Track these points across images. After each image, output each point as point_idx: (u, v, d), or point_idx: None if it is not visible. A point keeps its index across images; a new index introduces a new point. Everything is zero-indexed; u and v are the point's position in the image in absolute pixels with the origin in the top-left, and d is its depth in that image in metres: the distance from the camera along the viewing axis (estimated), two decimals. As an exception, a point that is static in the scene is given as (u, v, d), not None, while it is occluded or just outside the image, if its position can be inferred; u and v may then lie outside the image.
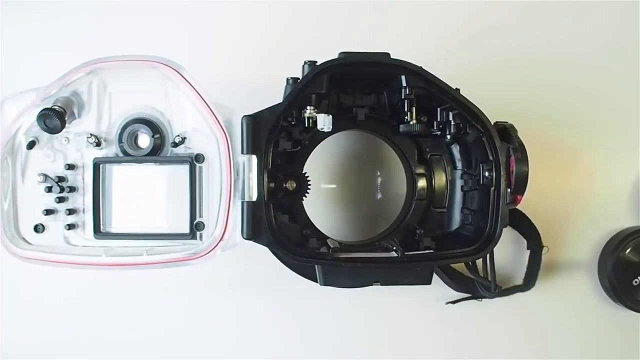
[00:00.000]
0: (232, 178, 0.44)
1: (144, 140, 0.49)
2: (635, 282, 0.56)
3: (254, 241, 0.43)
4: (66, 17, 0.59)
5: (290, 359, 0.57)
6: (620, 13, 0.60)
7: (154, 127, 0.48)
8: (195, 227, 0.46)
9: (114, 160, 0.48)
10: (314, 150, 0.50)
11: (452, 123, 0.45)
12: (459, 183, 0.50)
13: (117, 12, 0.59)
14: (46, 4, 0.59)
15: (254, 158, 0.42)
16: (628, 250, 0.56)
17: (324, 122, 0.42)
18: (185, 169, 0.48)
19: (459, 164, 0.50)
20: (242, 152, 0.43)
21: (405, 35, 0.60)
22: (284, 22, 0.60)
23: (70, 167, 0.49)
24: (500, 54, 0.59)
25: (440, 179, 0.51)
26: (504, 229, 0.43)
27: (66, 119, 0.47)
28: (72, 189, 0.49)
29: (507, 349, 0.57)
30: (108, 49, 0.48)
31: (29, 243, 0.49)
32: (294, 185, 0.47)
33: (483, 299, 0.55)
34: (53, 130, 0.47)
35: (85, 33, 0.59)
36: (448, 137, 0.46)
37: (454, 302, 0.56)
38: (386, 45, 0.42)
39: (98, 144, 0.48)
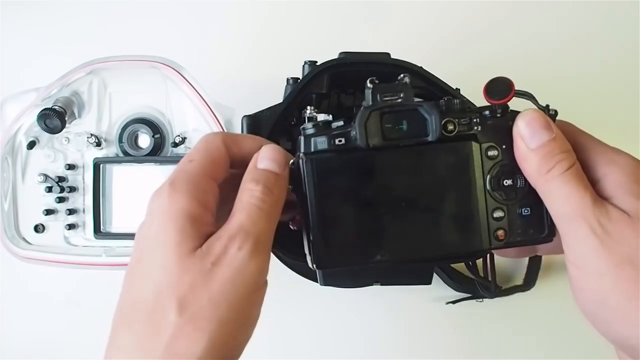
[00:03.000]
0: (233, 178, 0.44)
1: (144, 140, 0.49)
2: (635, 282, 0.56)
3: (254, 241, 0.42)
4: (67, 18, 0.59)
5: (290, 358, 0.57)
6: (620, 13, 0.60)
7: (154, 127, 0.48)
8: (196, 227, 0.47)
9: (114, 160, 0.49)
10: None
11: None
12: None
13: (117, 12, 0.59)
14: (47, 5, 0.60)
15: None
16: (628, 250, 0.56)
17: (325, 122, 0.42)
18: (185, 169, 0.48)
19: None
20: (243, 152, 0.43)
21: (405, 35, 0.60)
22: (284, 22, 0.60)
23: (71, 167, 0.49)
24: (500, 54, 0.59)
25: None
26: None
27: (66, 119, 0.47)
28: (73, 189, 0.49)
29: (507, 349, 0.57)
30: (108, 49, 0.48)
31: (29, 243, 0.49)
32: (295, 185, 0.47)
33: (483, 299, 0.55)
34: (53, 130, 0.47)
35: (86, 33, 0.59)
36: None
37: (454, 302, 0.56)
38: (386, 45, 0.42)
39: (98, 144, 0.48)
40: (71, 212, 0.49)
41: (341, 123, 0.31)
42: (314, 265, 0.31)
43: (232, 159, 0.30)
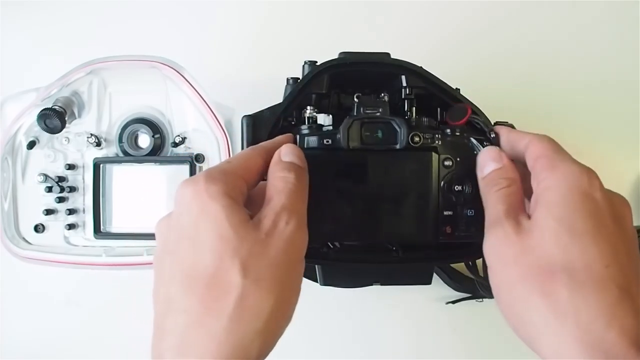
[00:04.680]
0: (233, 178, 0.44)
1: (144, 140, 0.49)
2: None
3: (254, 241, 0.43)
4: (67, 18, 0.59)
5: (290, 358, 0.57)
6: (620, 13, 0.60)
7: (154, 127, 0.48)
8: (196, 227, 0.47)
9: (114, 160, 0.49)
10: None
11: (453, 123, 0.45)
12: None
13: (117, 12, 0.59)
14: (47, 5, 0.60)
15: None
16: (628, 250, 0.56)
17: (324, 122, 0.42)
18: (185, 169, 0.48)
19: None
20: (242, 152, 0.43)
21: (405, 35, 0.60)
22: (284, 22, 0.60)
23: (71, 167, 0.49)
24: (500, 54, 0.59)
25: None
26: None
27: (66, 119, 0.47)
28: (73, 189, 0.49)
29: (507, 349, 0.57)
30: (108, 49, 0.48)
31: (30, 243, 0.49)
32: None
33: (483, 299, 0.55)
34: (53, 130, 0.47)
35: (86, 33, 0.59)
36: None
37: (454, 302, 0.56)
38: (386, 45, 0.42)
39: (98, 144, 0.48)
40: (71, 212, 0.49)
41: (330, 127, 0.37)
42: None
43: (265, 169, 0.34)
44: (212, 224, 0.28)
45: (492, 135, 0.37)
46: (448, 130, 0.37)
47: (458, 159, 0.37)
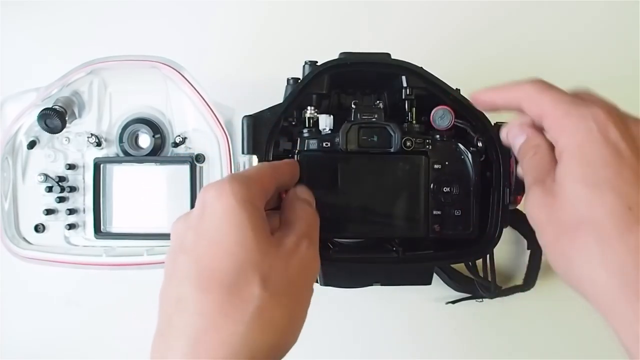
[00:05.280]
0: (233, 178, 0.44)
1: (145, 140, 0.49)
2: (635, 282, 0.56)
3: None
4: (67, 18, 0.60)
5: (289, 358, 0.57)
6: (620, 13, 0.60)
7: (154, 127, 0.48)
8: (196, 227, 0.46)
9: (115, 160, 0.49)
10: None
11: (453, 123, 0.45)
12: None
13: (117, 12, 0.59)
14: (47, 6, 0.60)
15: (255, 158, 0.42)
16: (628, 250, 0.56)
17: (326, 122, 0.42)
18: (185, 169, 0.48)
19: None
20: (243, 153, 0.43)
21: (405, 35, 0.60)
22: (284, 22, 0.60)
23: (71, 167, 0.49)
24: (500, 54, 0.59)
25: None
26: (504, 229, 0.44)
27: (67, 118, 0.47)
28: (73, 189, 0.49)
29: (507, 349, 0.57)
30: (108, 49, 0.48)
31: (30, 243, 0.49)
32: (295, 185, 0.47)
33: (483, 299, 0.55)
34: (54, 130, 0.47)
35: (86, 34, 0.59)
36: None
37: (454, 302, 0.56)
38: (386, 45, 0.42)
39: (98, 144, 0.49)
40: (71, 212, 0.49)
41: (329, 132, 0.40)
42: None
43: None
44: (236, 231, 0.29)
45: (478, 145, 0.40)
46: (438, 136, 0.40)
47: (447, 163, 0.40)
